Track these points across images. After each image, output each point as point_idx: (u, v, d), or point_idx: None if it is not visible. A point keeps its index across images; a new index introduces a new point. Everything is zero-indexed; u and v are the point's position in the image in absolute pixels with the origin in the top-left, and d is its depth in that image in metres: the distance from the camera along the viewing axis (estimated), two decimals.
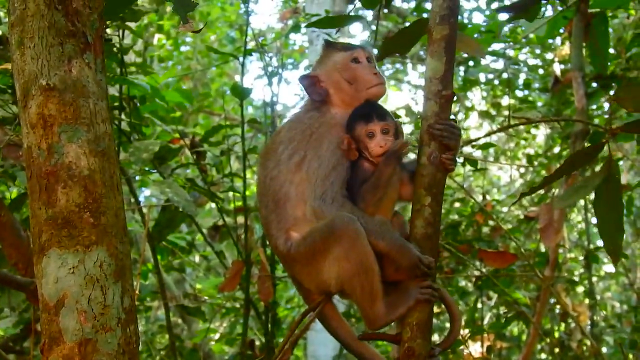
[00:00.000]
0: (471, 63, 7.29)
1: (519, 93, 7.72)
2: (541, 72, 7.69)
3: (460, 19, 7.66)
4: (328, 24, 3.76)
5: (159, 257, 5.45)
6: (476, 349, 6.43)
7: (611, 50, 6.08)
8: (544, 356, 8.00)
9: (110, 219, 2.29)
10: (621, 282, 10.19)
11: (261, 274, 4.86)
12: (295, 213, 2.53)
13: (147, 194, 8.56)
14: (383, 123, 2.54)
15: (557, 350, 6.96)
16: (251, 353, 5.18)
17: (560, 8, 5.21)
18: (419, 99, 9.95)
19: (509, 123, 4.17)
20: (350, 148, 2.53)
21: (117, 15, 2.79)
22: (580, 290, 8.64)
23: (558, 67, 6.65)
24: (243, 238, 5.11)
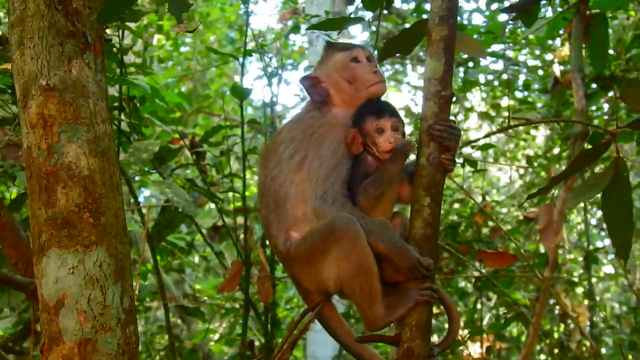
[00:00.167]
0: (471, 64, 7.28)
1: (519, 94, 7.72)
2: (541, 73, 7.69)
3: (460, 20, 7.67)
4: (328, 26, 3.74)
5: (159, 258, 5.44)
6: (475, 349, 6.43)
7: (611, 52, 6.08)
8: (543, 357, 8.00)
9: (110, 219, 2.30)
10: (620, 283, 10.20)
11: (261, 274, 4.86)
12: (296, 213, 2.53)
13: (146, 195, 8.56)
14: (394, 119, 2.54)
15: (556, 351, 6.96)
16: (250, 353, 5.17)
17: (560, 9, 5.22)
18: (418, 100, 9.96)
19: (508, 124, 4.17)
20: (355, 142, 2.53)
21: (115, 17, 2.77)
22: (579, 291, 8.64)
23: (558, 68, 6.65)
24: (243, 239, 5.10)
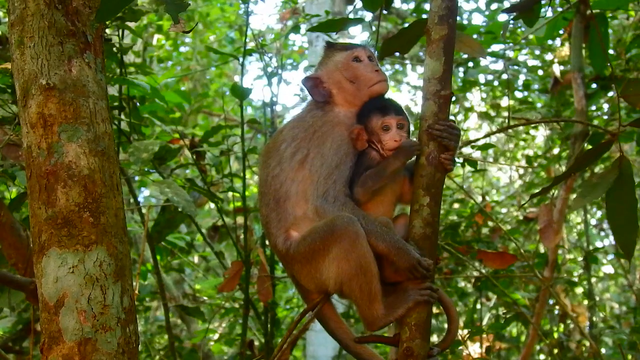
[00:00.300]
0: (470, 64, 7.28)
1: (519, 94, 7.72)
2: (541, 73, 7.69)
3: (460, 20, 7.67)
4: (329, 27, 3.74)
5: (158, 258, 5.44)
6: (475, 349, 6.43)
7: (611, 52, 6.08)
8: (543, 357, 8.00)
9: (110, 219, 2.30)
10: (620, 283, 10.20)
11: (261, 274, 4.86)
12: (296, 212, 2.53)
13: (146, 194, 8.56)
14: (399, 117, 2.54)
15: (556, 351, 6.96)
16: (250, 353, 5.17)
17: (560, 9, 5.22)
18: (418, 100, 9.95)
19: (508, 124, 4.16)
20: (360, 138, 2.54)
21: (113, 14, 2.77)
22: (579, 291, 8.64)
23: (557, 68, 6.65)
24: (242, 238, 5.10)
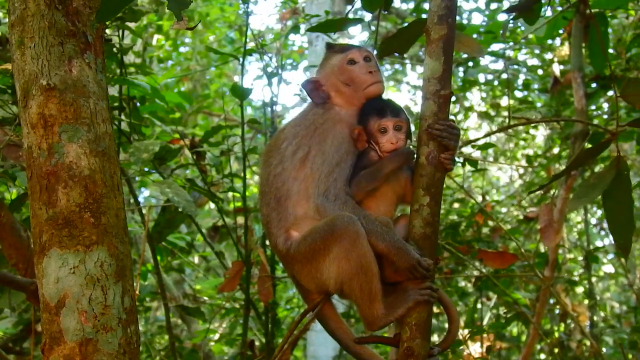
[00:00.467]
0: (470, 64, 7.28)
1: (518, 94, 7.72)
2: (540, 72, 7.69)
3: (459, 20, 7.67)
4: (328, 27, 3.74)
5: (159, 258, 5.44)
6: (476, 349, 6.43)
7: (611, 51, 6.08)
8: (543, 356, 8.00)
9: (111, 219, 2.30)
10: (621, 282, 10.20)
11: (261, 274, 4.86)
12: (296, 211, 2.53)
13: (146, 195, 8.57)
14: (396, 119, 2.54)
15: (556, 350, 6.96)
16: (251, 353, 5.17)
17: (559, 8, 5.21)
18: (418, 99, 9.95)
19: (508, 123, 4.16)
20: (361, 139, 2.54)
21: (113, 14, 2.76)
22: (579, 290, 8.64)
23: (557, 68, 6.65)
24: (243, 239, 5.10)
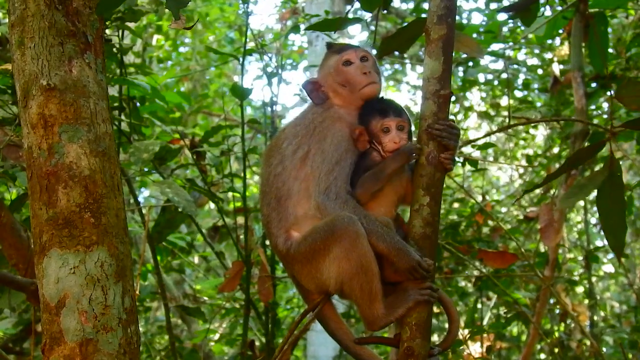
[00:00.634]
0: (470, 63, 7.28)
1: (518, 93, 7.72)
2: (540, 72, 7.69)
3: (459, 19, 7.67)
4: (327, 26, 3.74)
5: (159, 258, 5.44)
6: (476, 349, 6.43)
7: (610, 51, 6.08)
8: (543, 356, 8.00)
9: (111, 219, 2.30)
10: (620, 282, 10.20)
11: (261, 274, 4.86)
12: (296, 211, 2.53)
13: (146, 195, 8.56)
14: (399, 119, 2.54)
15: (556, 350, 6.95)
16: (251, 353, 5.16)
17: (559, 8, 5.21)
18: (417, 99, 9.95)
19: (508, 123, 4.16)
20: (361, 139, 2.54)
21: (114, 6, 2.76)
22: (579, 290, 8.64)
23: (557, 68, 6.65)
24: (243, 239, 5.10)
